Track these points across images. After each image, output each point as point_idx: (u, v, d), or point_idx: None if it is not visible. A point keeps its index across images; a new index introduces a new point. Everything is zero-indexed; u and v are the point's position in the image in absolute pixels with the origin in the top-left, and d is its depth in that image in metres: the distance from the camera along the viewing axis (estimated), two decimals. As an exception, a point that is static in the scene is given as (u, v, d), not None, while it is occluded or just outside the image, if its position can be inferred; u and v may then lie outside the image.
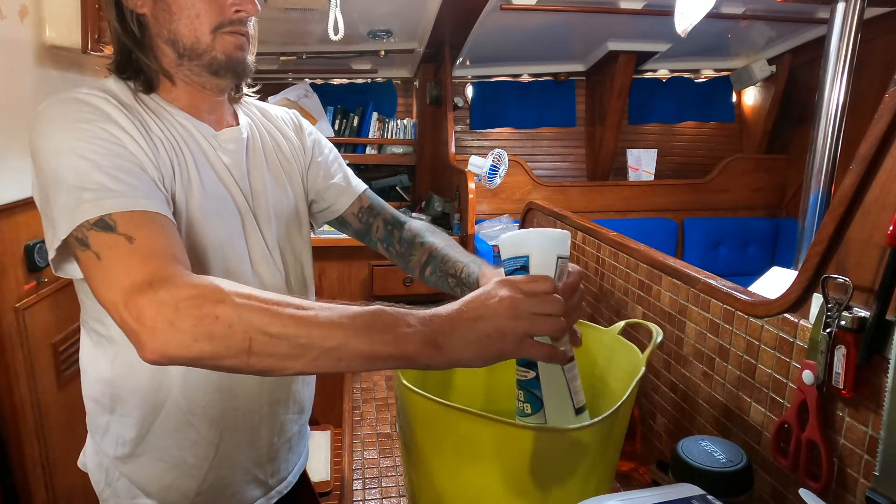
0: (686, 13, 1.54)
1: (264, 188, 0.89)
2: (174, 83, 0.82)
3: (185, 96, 0.82)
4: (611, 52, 3.15)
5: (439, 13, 2.50)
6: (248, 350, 0.55)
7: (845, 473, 0.67)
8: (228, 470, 0.88)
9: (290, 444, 0.98)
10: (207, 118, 0.84)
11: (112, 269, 0.61)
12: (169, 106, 0.81)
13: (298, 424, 0.99)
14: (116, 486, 0.87)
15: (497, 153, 2.64)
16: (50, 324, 1.54)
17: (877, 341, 0.61)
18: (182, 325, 0.55)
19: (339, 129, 3.51)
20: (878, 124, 0.61)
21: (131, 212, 0.65)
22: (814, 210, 1.53)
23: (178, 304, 0.56)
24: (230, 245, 0.82)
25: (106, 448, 0.87)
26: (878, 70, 2.39)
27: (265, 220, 0.88)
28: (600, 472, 0.71)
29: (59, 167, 0.66)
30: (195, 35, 0.77)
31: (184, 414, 0.83)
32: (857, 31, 1.47)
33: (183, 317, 0.55)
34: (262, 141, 0.93)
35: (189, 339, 0.55)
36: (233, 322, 0.55)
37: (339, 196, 1.02)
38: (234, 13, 0.78)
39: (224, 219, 0.81)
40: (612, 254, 1.26)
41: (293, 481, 1.00)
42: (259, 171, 0.89)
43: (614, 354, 0.86)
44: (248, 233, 0.85)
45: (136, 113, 0.75)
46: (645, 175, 3.49)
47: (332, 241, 2.66)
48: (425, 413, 0.70)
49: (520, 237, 0.64)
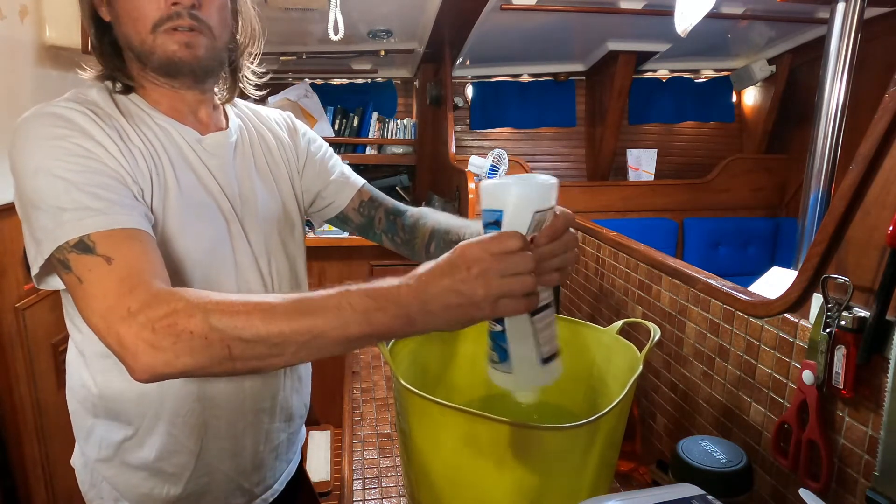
0: (686, 13, 1.54)
1: (253, 193, 0.87)
2: (147, 87, 0.81)
3: (163, 99, 0.82)
4: (611, 52, 3.15)
5: (439, 13, 2.50)
6: (229, 357, 0.58)
7: (845, 473, 0.67)
8: (209, 478, 0.87)
9: (277, 452, 0.96)
10: (191, 121, 0.83)
11: (93, 293, 0.63)
12: (151, 109, 0.81)
13: (287, 433, 0.97)
14: (100, 487, 0.87)
15: (497, 153, 2.64)
16: (50, 324, 1.54)
17: (877, 341, 0.61)
18: (162, 344, 0.57)
19: (339, 129, 3.51)
20: (878, 124, 0.61)
21: (110, 231, 0.65)
22: (814, 210, 1.53)
23: (154, 325, 0.58)
24: (212, 253, 0.81)
25: (89, 451, 0.87)
26: (878, 70, 2.39)
27: (253, 225, 0.86)
28: (600, 471, 0.71)
29: (38, 187, 0.67)
30: (140, 37, 0.76)
31: (163, 423, 0.82)
32: (857, 31, 1.47)
33: (161, 337, 0.57)
34: (252, 144, 0.91)
35: (171, 356, 0.57)
36: (207, 334, 0.57)
37: (339, 192, 1.02)
38: (168, 8, 0.74)
39: (207, 225, 0.80)
40: (612, 254, 1.26)
41: (279, 489, 0.98)
42: (248, 175, 0.88)
43: (613, 354, 0.86)
44: (233, 239, 0.84)
45: (114, 123, 0.75)
46: (645, 175, 3.48)
47: (332, 242, 2.66)
48: (424, 412, 0.70)
49: (497, 189, 0.61)
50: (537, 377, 0.65)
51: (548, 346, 0.65)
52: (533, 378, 0.66)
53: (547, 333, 0.65)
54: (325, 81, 3.56)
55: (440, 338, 0.92)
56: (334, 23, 1.91)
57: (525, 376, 0.65)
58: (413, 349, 0.88)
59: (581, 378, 0.91)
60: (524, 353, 0.64)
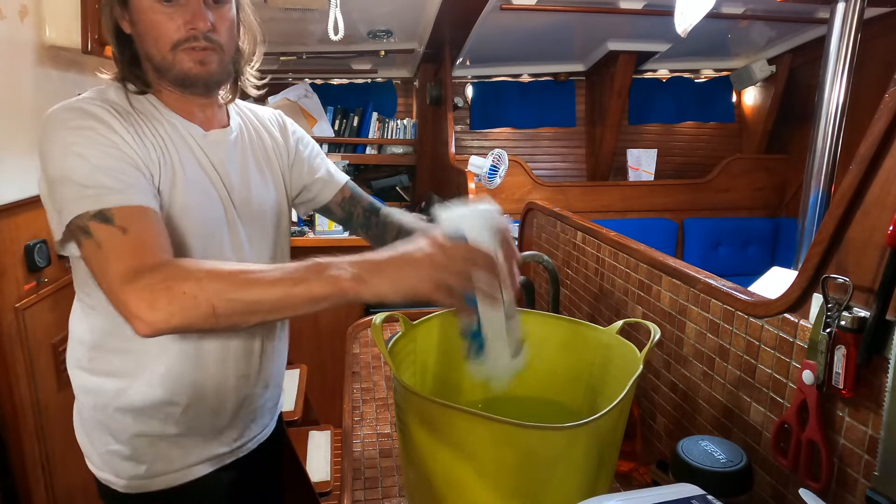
0: (686, 13, 1.55)
1: (248, 185, 0.98)
2: (161, 91, 0.91)
3: (174, 101, 0.92)
4: (611, 52, 3.15)
5: (439, 13, 2.50)
6: (213, 314, 0.69)
7: (845, 473, 0.67)
8: (191, 425, 0.95)
9: (255, 416, 1.05)
10: (197, 119, 0.94)
11: (108, 257, 0.74)
12: (162, 107, 0.91)
13: (263, 397, 1.06)
14: (92, 435, 0.96)
15: (497, 153, 2.64)
16: (50, 324, 1.54)
17: (877, 341, 0.61)
18: (159, 304, 0.69)
19: (339, 129, 3.51)
20: (878, 124, 0.61)
21: (126, 206, 0.76)
22: (814, 210, 1.53)
23: (153, 288, 0.69)
24: (211, 235, 0.91)
25: (85, 400, 0.95)
26: (878, 70, 2.39)
27: (247, 213, 0.97)
28: (600, 471, 0.71)
29: (66, 167, 0.78)
30: (160, 54, 0.86)
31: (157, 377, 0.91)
32: (857, 31, 1.47)
33: (159, 297, 0.69)
34: (250, 141, 1.02)
35: (166, 315, 0.69)
36: (196, 294, 0.69)
37: (323, 188, 1.13)
38: (187, 31, 0.84)
39: (207, 208, 0.91)
40: (612, 254, 1.26)
41: (252, 447, 1.06)
42: (245, 169, 0.99)
43: (613, 354, 0.86)
44: (230, 223, 0.94)
45: (131, 119, 0.86)
46: (645, 175, 3.49)
47: (331, 242, 2.67)
48: (423, 412, 0.70)
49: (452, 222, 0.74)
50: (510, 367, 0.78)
51: (516, 341, 0.78)
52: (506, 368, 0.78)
53: (515, 331, 0.78)
54: (325, 81, 3.56)
55: (440, 338, 0.92)
56: (334, 23, 1.91)
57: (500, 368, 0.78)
58: (413, 349, 0.88)
59: (581, 378, 0.91)
60: (499, 350, 0.77)
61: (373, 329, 0.77)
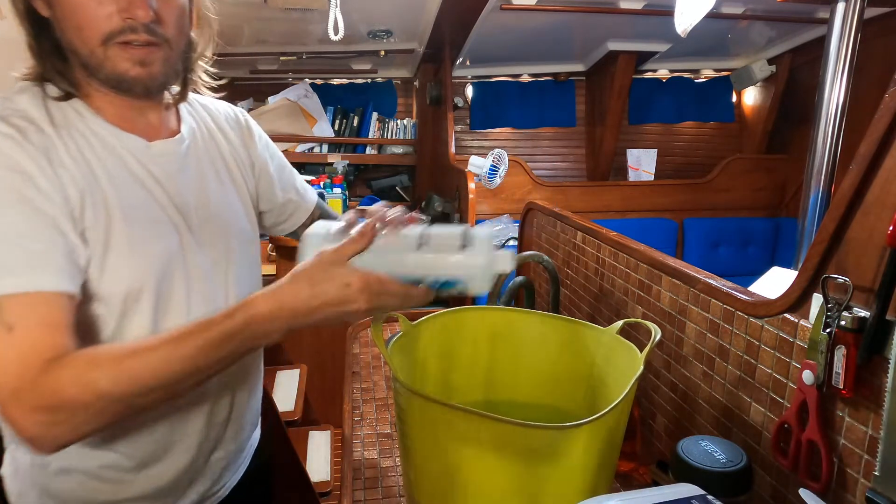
0: (686, 13, 1.55)
1: (207, 201, 0.81)
2: (91, 94, 0.73)
3: (107, 106, 0.73)
4: (611, 52, 3.16)
5: (439, 13, 2.50)
6: (130, 406, 0.62)
7: (845, 473, 0.67)
8: (155, 482, 0.81)
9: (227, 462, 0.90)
10: (139, 127, 0.76)
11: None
12: (91, 117, 0.72)
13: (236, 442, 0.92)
14: (28, 496, 0.80)
15: (497, 153, 2.64)
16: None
17: (877, 341, 0.61)
18: (59, 418, 0.59)
19: (339, 129, 3.51)
20: (878, 124, 0.61)
21: (21, 294, 0.61)
22: (814, 210, 1.53)
23: (40, 408, 0.58)
24: (163, 270, 0.74)
25: (21, 457, 0.81)
26: (878, 70, 2.39)
27: (208, 234, 0.80)
28: (600, 471, 0.71)
29: None
30: (87, 48, 0.67)
31: (108, 438, 0.77)
32: (857, 31, 1.47)
33: (56, 413, 0.59)
34: (206, 147, 0.84)
35: (70, 428, 0.60)
36: (90, 403, 0.59)
37: (293, 213, 1.00)
38: (122, 20, 0.66)
39: (156, 243, 0.74)
40: (612, 254, 1.26)
41: (224, 495, 0.92)
42: (201, 182, 0.81)
43: (613, 354, 0.86)
44: (186, 252, 0.77)
45: (46, 142, 0.66)
46: (645, 175, 3.49)
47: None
48: (424, 412, 0.70)
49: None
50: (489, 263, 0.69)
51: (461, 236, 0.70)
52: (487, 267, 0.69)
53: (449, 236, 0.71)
54: (325, 81, 3.56)
55: (440, 338, 0.92)
56: (334, 23, 1.91)
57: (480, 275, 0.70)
58: (413, 349, 0.88)
59: (581, 378, 0.91)
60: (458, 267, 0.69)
61: (373, 329, 0.77)
